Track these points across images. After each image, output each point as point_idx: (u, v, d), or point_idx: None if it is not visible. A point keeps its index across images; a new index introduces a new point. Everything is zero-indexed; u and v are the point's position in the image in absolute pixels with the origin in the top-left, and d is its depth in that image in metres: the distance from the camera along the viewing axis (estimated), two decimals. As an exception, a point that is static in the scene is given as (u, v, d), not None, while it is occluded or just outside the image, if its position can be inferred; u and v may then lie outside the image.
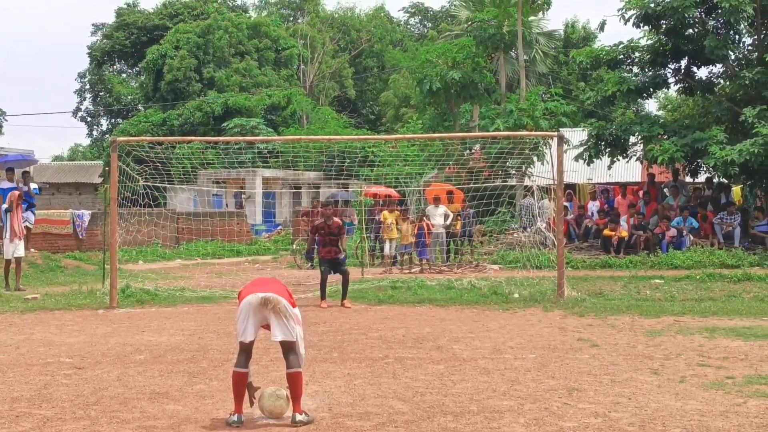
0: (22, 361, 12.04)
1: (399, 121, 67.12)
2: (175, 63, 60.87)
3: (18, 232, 21.60)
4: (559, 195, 19.54)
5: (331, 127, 58.12)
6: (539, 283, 19.97)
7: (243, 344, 8.69)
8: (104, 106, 76.93)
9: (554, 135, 20.93)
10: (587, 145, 30.50)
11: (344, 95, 77.45)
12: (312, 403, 9.29)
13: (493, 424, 8.37)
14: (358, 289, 19.84)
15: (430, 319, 16.14)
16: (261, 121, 55.14)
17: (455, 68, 38.77)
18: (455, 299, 18.75)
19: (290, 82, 68.03)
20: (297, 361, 8.52)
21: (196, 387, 10.20)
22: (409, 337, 13.84)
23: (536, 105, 35.19)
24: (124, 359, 12.11)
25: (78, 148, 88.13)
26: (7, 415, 8.91)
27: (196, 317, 16.62)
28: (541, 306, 17.42)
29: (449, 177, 31.23)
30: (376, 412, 8.87)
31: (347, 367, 11.34)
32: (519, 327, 14.87)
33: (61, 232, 31.06)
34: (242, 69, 63.62)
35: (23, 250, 22.01)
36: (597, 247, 27.87)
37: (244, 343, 8.68)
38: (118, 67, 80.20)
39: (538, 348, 12.64)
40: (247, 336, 8.68)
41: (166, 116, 57.59)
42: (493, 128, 33.69)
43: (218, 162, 41.80)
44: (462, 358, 11.94)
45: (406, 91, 65.25)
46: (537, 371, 10.88)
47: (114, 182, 19.24)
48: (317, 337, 13.96)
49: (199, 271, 27.12)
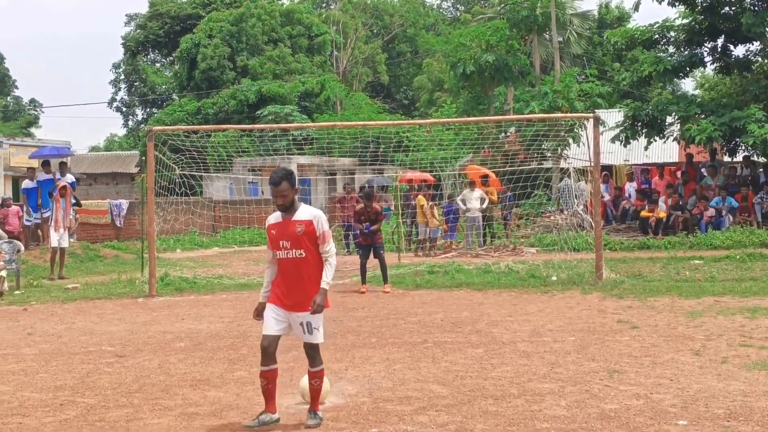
0: (65, 350, 12.16)
1: (433, 105, 66.93)
2: (208, 52, 60.99)
3: (62, 222, 21.89)
4: (595, 177, 19.41)
5: (365, 113, 57.98)
6: (577, 265, 19.87)
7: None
8: (139, 96, 77.34)
9: (590, 116, 20.79)
10: (623, 126, 30.29)
11: (377, 80, 77.31)
12: (352, 387, 9.31)
13: (534, 407, 8.34)
14: (395, 274, 19.83)
15: (468, 303, 16.12)
16: (295, 108, 55.13)
17: (489, 51, 38.61)
18: (493, 283, 18.70)
19: (323, 69, 67.95)
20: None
21: (237, 374, 10.25)
22: (447, 322, 13.83)
23: (571, 87, 34.93)
24: (164, 347, 12.20)
25: (114, 138, 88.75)
26: (51, 404, 9.00)
27: (235, 304, 16.70)
28: (580, 288, 17.34)
29: (484, 160, 31.11)
30: (417, 396, 8.88)
31: (386, 351, 11.35)
32: (558, 310, 14.82)
33: (100, 222, 31.34)
34: (275, 56, 63.62)
35: (67, 240, 22.34)
36: (635, 229, 27.69)
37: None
38: (152, 56, 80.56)
39: (578, 330, 12.59)
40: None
41: (200, 105, 57.74)
42: (528, 111, 33.49)
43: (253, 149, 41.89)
44: (501, 341, 11.92)
45: (440, 75, 65.05)
46: (577, 354, 10.84)
47: (151, 171, 19.35)
48: (356, 323, 13.99)
49: (236, 259, 27.23)
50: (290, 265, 7.93)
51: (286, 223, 7.94)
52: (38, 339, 13.15)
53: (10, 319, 15.31)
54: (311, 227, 7.90)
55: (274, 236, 7.98)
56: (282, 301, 7.96)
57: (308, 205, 8.16)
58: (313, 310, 7.81)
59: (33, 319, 15.20)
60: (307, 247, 7.90)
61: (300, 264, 7.90)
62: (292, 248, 7.88)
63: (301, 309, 7.89)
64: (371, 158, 29.55)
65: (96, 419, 8.34)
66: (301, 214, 7.96)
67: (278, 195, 7.87)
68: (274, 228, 8.02)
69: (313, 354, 8.05)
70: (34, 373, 10.53)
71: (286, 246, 7.89)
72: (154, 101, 75.19)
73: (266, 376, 7.91)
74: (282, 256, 7.94)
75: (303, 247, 7.89)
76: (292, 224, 7.92)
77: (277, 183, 7.85)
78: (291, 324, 8.00)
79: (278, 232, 7.96)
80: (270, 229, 8.07)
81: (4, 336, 13.50)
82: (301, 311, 7.89)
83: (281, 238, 7.92)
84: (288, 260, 7.92)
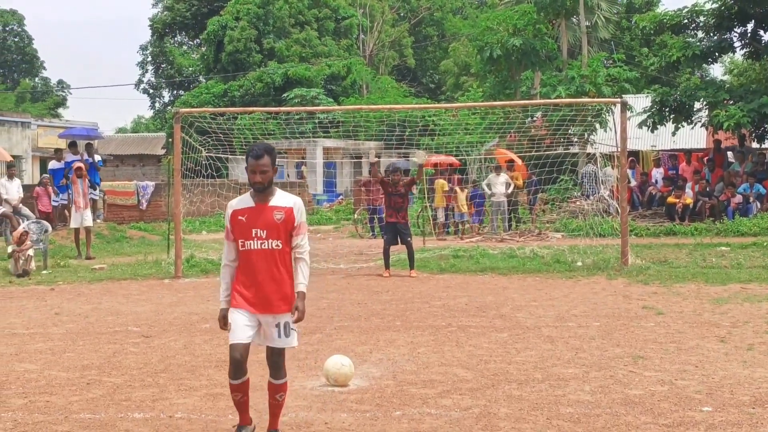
0: (92, 329, 12.25)
1: (459, 89, 66.79)
2: (235, 34, 61.03)
3: (81, 203, 22.05)
4: (622, 162, 19.31)
5: (391, 97, 57.93)
6: (603, 251, 19.80)
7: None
8: (166, 78, 77.55)
9: (617, 101, 20.70)
10: (651, 111, 30.13)
11: (404, 64, 77.18)
12: (376, 371, 9.34)
13: (558, 391, 8.34)
14: (420, 258, 19.82)
15: (492, 287, 16.11)
16: (321, 92, 55.16)
17: (516, 35, 38.35)
18: (518, 268, 18.68)
19: (350, 52, 67.89)
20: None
21: (261, 355, 10.18)
22: (472, 306, 13.84)
23: (598, 71, 34.76)
24: (190, 328, 12.27)
25: (141, 120, 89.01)
26: (78, 383, 9.08)
27: (260, 286, 16.74)
28: (605, 274, 17.29)
29: (510, 145, 31.04)
30: (440, 380, 8.89)
31: (411, 335, 11.37)
32: (583, 295, 14.79)
33: (126, 204, 31.52)
34: (302, 39, 63.62)
35: (91, 220, 22.52)
36: (661, 215, 27.58)
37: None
38: (179, 38, 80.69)
39: (603, 316, 12.56)
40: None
41: (227, 87, 57.85)
42: (555, 95, 33.37)
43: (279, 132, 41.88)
44: (525, 326, 11.91)
45: (467, 59, 64.84)
46: (602, 339, 10.82)
47: (177, 153, 19.44)
48: (380, 306, 14.02)
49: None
50: (265, 258, 6.81)
51: (262, 208, 6.84)
52: (65, 319, 13.26)
53: (38, 299, 15.44)
54: (291, 215, 6.85)
55: (245, 223, 6.82)
56: (251, 303, 6.82)
57: (283, 191, 7.06)
58: (297, 317, 6.81)
59: (60, 299, 15.32)
60: (284, 237, 6.83)
61: (277, 257, 6.81)
62: (269, 238, 6.79)
63: (278, 309, 6.83)
64: (397, 142, 29.46)
65: (122, 398, 8.41)
66: (279, 200, 6.91)
67: (258, 170, 6.75)
68: (244, 213, 6.86)
69: (281, 362, 7.01)
70: (62, 353, 10.63)
71: (260, 235, 6.78)
72: (181, 83, 75.39)
73: (240, 388, 6.94)
74: (254, 247, 6.80)
75: (281, 238, 6.82)
76: (269, 210, 6.83)
77: (259, 155, 6.76)
78: (262, 328, 6.91)
79: (250, 218, 6.82)
80: (236, 215, 6.88)
81: (32, 315, 13.62)
82: (278, 312, 6.84)
83: (255, 225, 6.79)
84: (262, 252, 6.80)
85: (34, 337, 11.66)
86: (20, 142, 44.84)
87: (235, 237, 6.88)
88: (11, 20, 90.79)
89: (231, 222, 6.89)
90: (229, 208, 6.95)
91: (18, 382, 9.11)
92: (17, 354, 10.57)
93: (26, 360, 10.20)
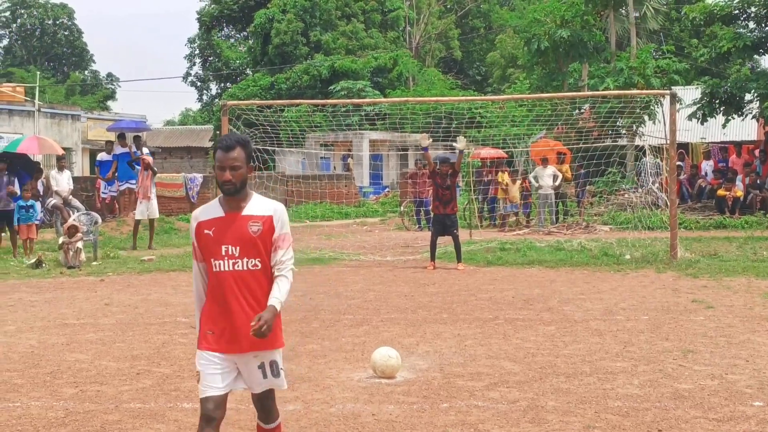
0: (141, 320, 12.37)
1: (506, 81, 66.52)
2: (282, 27, 61.27)
3: (144, 194, 22.37)
4: (671, 154, 19.13)
5: (438, 89, 57.90)
6: (651, 244, 19.65)
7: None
8: (213, 71, 78.01)
9: (666, 93, 20.51)
10: (701, 103, 29.81)
11: (450, 56, 77.02)
12: (423, 363, 9.33)
13: (607, 385, 8.29)
14: (466, 251, 19.77)
15: (539, 280, 16.03)
16: (367, 84, 55.24)
17: (564, 27, 38.10)
18: (565, 261, 18.58)
19: (396, 44, 67.92)
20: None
21: (309, 347, 10.34)
22: (519, 299, 13.79)
23: (647, 63, 34.42)
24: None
25: (188, 113, 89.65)
26: (128, 372, 9.17)
27: (307, 278, 16.80)
28: (654, 267, 17.15)
29: (558, 137, 30.86)
30: (488, 373, 8.87)
31: (457, 327, 11.35)
32: (631, 288, 14.67)
33: (174, 195, 31.75)
34: (349, 32, 63.74)
35: (156, 211, 22.83)
36: (711, 208, 27.30)
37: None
38: (226, 31, 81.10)
39: (651, 309, 12.45)
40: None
41: (273, 80, 58.11)
42: (603, 87, 33.09)
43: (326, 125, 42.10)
44: (573, 319, 11.85)
45: (513, 51, 64.54)
46: (650, 333, 10.73)
47: (225, 146, 19.52)
48: (427, 298, 14.01)
49: (308, 234, 27.39)
50: (238, 282, 5.37)
51: (233, 218, 5.40)
52: (115, 309, 13.39)
53: (88, 290, 15.62)
54: (270, 226, 5.43)
55: (212, 239, 5.37)
56: (223, 342, 5.41)
57: (260, 195, 5.61)
58: (257, 325, 5.21)
59: (110, 290, 15.48)
60: (264, 255, 5.41)
61: (253, 280, 5.41)
62: (243, 256, 5.35)
63: (259, 345, 5.41)
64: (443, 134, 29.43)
65: (171, 388, 8.48)
66: (255, 207, 5.46)
67: (228, 166, 5.31)
68: (211, 226, 5.41)
69: (270, 405, 5.69)
70: (112, 343, 10.74)
71: (232, 253, 5.33)
72: (228, 76, 75.78)
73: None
74: (225, 269, 5.36)
75: (259, 255, 5.40)
76: (242, 220, 5.40)
77: (229, 146, 5.34)
78: (240, 371, 5.51)
79: (218, 231, 5.37)
80: (202, 227, 5.43)
81: (82, 306, 13.78)
82: (259, 348, 5.44)
83: (224, 241, 5.35)
84: (234, 275, 5.36)
85: (84, 328, 11.79)
86: (70, 134, 45.30)
87: (201, 257, 5.46)
88: (61, 14, 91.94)
89: (196, 238, 5.45)
90: (193, 219, 5.51)
91: (69, 372, 9.22)
92: (68, 344, 10.71)
93: (77, 350, 10.32)
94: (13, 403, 8.06)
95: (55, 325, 12.03)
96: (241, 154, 5.34)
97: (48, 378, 8.99)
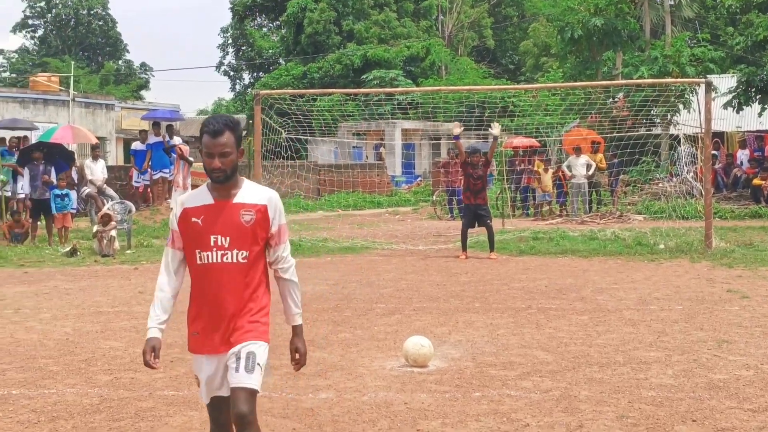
0: (174, 309, 12.39)
1: (539, 70, 66.22)
2: (314, 16, 61.27)
3: (181, 183, 22.49)
4: (706, 143, 18.97)
5: (470, 78, 57.75)
6: (686, 233, 19.50)
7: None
8: (246, 60, 78.16)
9: (701, 82, 20.35)
10: (736, 91, 29.56)
11: (483, 45, 76.74)
12: (456, 352, 9.32)
13: (640, 375, 8.23)
14: (499, 240, 19.71)
15: (572, 269, 15.97)
16: (400, 73, 55.16)
17: (597, 15, 37.85)
18: (598, 250, 18.48)
19: (429, 33, 67.74)
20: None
21: (341, 335, 10.35)
22: (551, 288, 13.74)
23: (682, 51, 34.14)
24: (271, 308, 12.32)
25: (222, 102, 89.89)
26: (162, 360, 9.17)
27: (339, 267, 16.84)
28: (688, 257, 17.03)
29: (592, 126, 30.69)
30: (520, 362, 8.84)
31: (490, 317, 11.32)
32: (665, 278, 14.58)
33: (207, 184, 31.91)
34: (381, 21, 63.63)
35: None
36: (746, 197, 27.09)
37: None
38: (259, 21, 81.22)
39: (686, 299, 12.37)
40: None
41: (306, 69, 58.15)
42: (637, 76, 32.88)
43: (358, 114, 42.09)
44: (606, 309, 11.78)
45: (547, 40, 64.23)
46: (685, 323, 10.65)
47: (258, 135, 19.61)
48: (459, 288, 13.99)
49: (340, 222, 27.44)
50: (228, 275, 4.90)
51: (223, 206, 4.92)
52: (149, 297, 13.39)
53: (122, 278, 15.72)
54: (264, 216, 4.97)
55: (200, 228, 4.89)
56: (210, 342, 5.01)
57: (253, 182, 5.16)
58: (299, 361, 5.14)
59: (143, 278, 15.56)
60: (254, 247, 4.94)
61: (243, 273, 4.94)
62: (233, 248, 4.86)
63: (241, 338, 4.93)
64: (476, 123, 29.34)
65: (204, 376, 8.52)
66: (248, 195, 4.99)
67: (217, 152, 4.85)
68: (199, 214, 4.92)
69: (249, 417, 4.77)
70: (145, 330, 10.77)
71: (222, 244, 4.85)
72: (261, 65, 75.90)
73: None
74: (214, 260, 4.89)
75: (250, 248, 4.92)
76: (234, 209, 4.92)
77: (216, 132, 4.87)
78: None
79: (207, 220, 4.89)
80: (189, 215, 4.94)
81: (116, 294, 13.87)
82: (242, 340, 4.93)
83: (213, 231, 4.87)
84: (224, 267, 4.89)
85: (119, 315, 11.87)
86: (104, 123, 45.63)
87: (181, 245, 5.02)
88: (96, 4, 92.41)
89: (181, 224, 4.97)
90: (179, 205, 5.03)
91: (104, 359, 9.29)
92: (103, 332, 10.79)
93: (111, 338, 10.40)
94: (48, 390, 8.14)
95: (89, 313, 12.12)
96: (230, 138, 4.89)
97: (83, 365, 9.07)
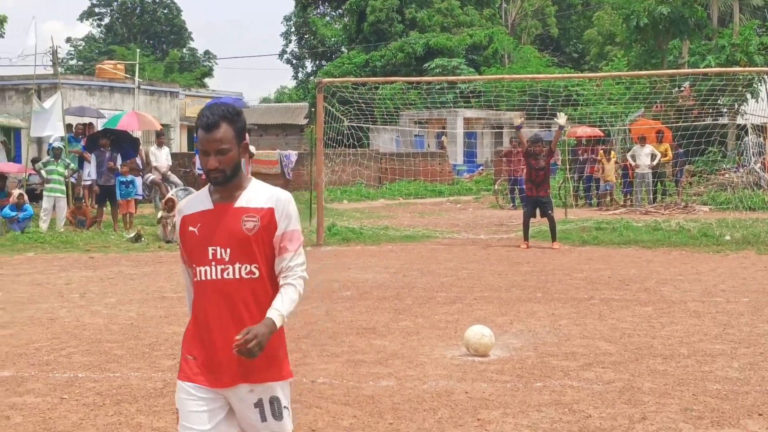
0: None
1: (603, 59, 65.49)
2: (377, 4, 61.19)
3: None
4: (775, 133, 18.65)
5: (533, 66, 57.22)
6: (752, 225, 19.21)
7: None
8: (309, 49, 78.40)
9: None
10: (806, 81, 28.98)
11: (547, 33, 76.11)
12: (517, 342, 9.27)
13: (705, 367, 8.12)
14: (561, 230, 19.57)
15: (636, 260, 15.79)
16: (462, 61, 54.90)
17: (664, 3, 37.33)
18: (663, 241, 18.25)
19: (492, 21, 67.30)
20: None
21: (402, 323, 10.35)
22: (614, 279, 13.60)
23: (750, 40, 33.57)
24: (331, 295, 12.40)
25: (284, 90, 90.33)
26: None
27: (400, 255, 16.85)
28: (755, 249, 16.76)
29: (657, 115, 30.31)
30: (582, 353, 8.77)
31: (552, 307, 11.25)
32: (731, 270, 14.36)
33: (270, 172, 32.05)
34: (444, 9, 63.36)
35: None
36: (815, 189, 26.55)
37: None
38: (322, 9, 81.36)
39: (752, 291, 12.17)
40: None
41: (368, 57, 58.14)
42: (704, 65, 32.42)
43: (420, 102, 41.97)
44: (671, 300, 11.64)
45: (611, 28, 63.46)
46: (751, 315, 10.49)
47: (320, 123, 19.66)
48: (521, 277, 13.91)
49: (401, 211, 27.44)
50: (228, 294, 4.16)
51: (223, 211, 4.19)
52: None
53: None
54: (270, 222, 4.19)
55: (197, 238, 4.19)
56: (208, 372, 4.18)
57: (262, 182, 4.36)
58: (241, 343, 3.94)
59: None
60: (261, 259, 4.19)
61: (249, 292, 4.19)
62: (235, 261, 4.13)
63: (255, 377, 4.17)
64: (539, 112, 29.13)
65: (266, 362, 8.56)
66: (252, 197, 4.22)
67: (213, 149, 4.08)
68: (196, 222, 4.21)
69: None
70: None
71: (221, 257, 4.13)
72: (324, 54, 76.07)
73: None
74: (211, 277, 4.17)
75: (255, 260, 4.17)
76: (235, 214, 4.17)
77: (211, 125, 4.09)
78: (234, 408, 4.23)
79: (205, 229, 4.19)
80: (186, 224, 4.24)
81: (180, 279, 13.99)
82: (255, 381, 4.18)
83: (212, 241, 4.15)
84: (222, 284, 4.16)
85: (181, 301, 11.97)
86: (169, 111, 46.04)
87: (187, 261, 4.32)
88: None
89: (181, 235, 4.29)
90: (178, 213, 4.35)
91: (167, 344, 9.39)
92: (166, 317, 10.91)
93: (175, 323, 10.50)
94: (113, 373, 8.25)
95: (153, 298, 12.27)
96: (228, 132, 4.10)
97: (147, 350, 9.17)
